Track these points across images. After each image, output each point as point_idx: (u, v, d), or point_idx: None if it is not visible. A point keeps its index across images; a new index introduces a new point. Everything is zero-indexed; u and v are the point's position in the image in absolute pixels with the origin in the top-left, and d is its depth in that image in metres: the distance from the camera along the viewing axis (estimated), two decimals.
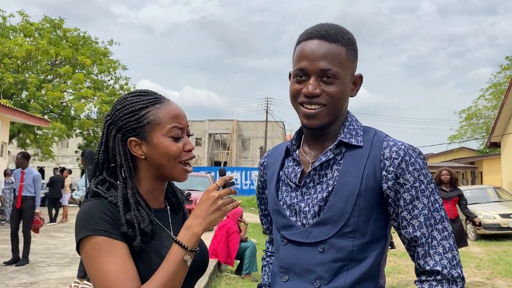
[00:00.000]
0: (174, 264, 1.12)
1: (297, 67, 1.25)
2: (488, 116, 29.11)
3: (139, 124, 1.22)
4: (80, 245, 1.15)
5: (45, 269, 6.96)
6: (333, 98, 1.23)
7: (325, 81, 1.22)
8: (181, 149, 1.24)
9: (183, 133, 1.26)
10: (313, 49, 1.22)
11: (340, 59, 1.23)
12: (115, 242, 1.13)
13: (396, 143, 1.24)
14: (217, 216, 1.17)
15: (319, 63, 1.21)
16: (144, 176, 1.26)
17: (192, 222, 1.16)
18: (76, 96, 19.68)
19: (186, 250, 1.13)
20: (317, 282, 1.20)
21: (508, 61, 26.82)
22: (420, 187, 1.19)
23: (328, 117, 1.25)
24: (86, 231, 1.12)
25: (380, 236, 1.23)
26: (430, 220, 1.18)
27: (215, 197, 1.17)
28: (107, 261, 1.10)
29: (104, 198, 1.19)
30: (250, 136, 41.07)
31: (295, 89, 1.27)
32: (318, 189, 1.25)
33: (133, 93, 1.29)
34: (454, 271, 1.14)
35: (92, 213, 1.14)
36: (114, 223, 1.15)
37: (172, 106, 1.27)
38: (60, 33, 21.01)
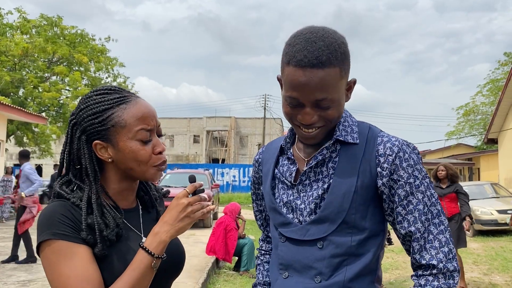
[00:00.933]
0: (139, 270, 1.09)
1: (289, 95, 1.18)
2: (485, 112, 29.17)
3: (103, 126, 1.15)
4: (39, 248, 1.10)
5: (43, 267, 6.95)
6: (331, 120, 1.21)
7: (321, 108, 1.18)
8: (150, 153, 1.18)
9: (152, 135, 1.20)
10: (306, 81, 1.14)
11: (334, 82, 1.16)
12: (75, 246, 1.08)
13: (390, 139, 1.24)
14: (185, 224, 1.14)
15: (313, 95, 1.15)
16: (112, 178, 1.22)
17: (160, 228, 1.13)
18: (73, 95, 19.64)
19: (153, 256, 1.11)
20: (318, 277, 1.21)
21: (506, 57, 26.86)
22: (414, 182, 1.20)
23: (326, 133, 1.25)
24: (45, 234, 1.08)
25: (378, 230, 1.25)
26: (426, 215, 1.18)
27: (184, 204, 1.14)
28: (67, 266, 1.06)
29: (67, 200, 1.14)
30: (248, 133, 41.06)
31: (289, 112, 1.22)
32: (314, 187, 1.25)
33: (98, 90, 1.21)
34: (450, 264, 1.15)
35: (53, 216, 1.10)
36: (75, 226, 1.10)
37: (140, 106, 1.18)
38: (57, 31, 20.94)
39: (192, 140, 41.76)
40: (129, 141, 1.16)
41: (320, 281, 1.20)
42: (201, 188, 1.19)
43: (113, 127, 1.15)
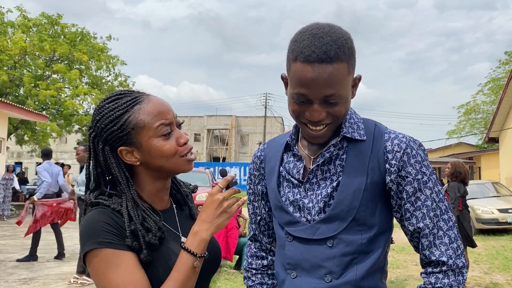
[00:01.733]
0: (184, 272, 1.10)
1: (297, 91, 1.16)
2: (486, 111, 29.12)
3: (123, 132, 1.15)
4: (86, 258, 1.11)
5: (44, 265, 6.96)
6: (339, 116, 1.20)
7: (329, 104, 1.17)
8: (175, 145, 1.18)
9: (172, 127, 1.19)
10: (314, 77, 1.12)
11: (343, 78, 1.15)
12: (121, 253, 1.09)
13: (397, 136, 1.24)
14: (223, 219, 1.15)
15: (322, 91, 1.14)
16: (145, 180, 1.22)
17: (199, 227, 1.14)
18: (73, 93, 19.63)
19: (195, 256, 1.11)
20: (328, 277, 1.19)
21: (507, 56, 26.80)
22: (422, 179, 1.19)
23: (333, 130, 1.24)
24: (90, 244, 1.08)
25: (386, 227, 1.25)
26: (435, 210, 1.18)
27: (219, 200, 1.14)
28: (114, 274, 1.07)
29: (107, 206, 1.14)
30: (249, 131, 41.04)
31: (296, 110, 1.20)
32: (322, 185, 1.24)
33: (108, 98, 1.20)
34: (459, 260, 1.16)
35: (96, 224, 1.10)
36: (119, 232, 1.11)
37: (153, 103, 1.18)
38: (58, 29, 20.93)
39: (193, 139, 41.75)
40: (152, 139, 1.16)
41: (330, 280, 1.19)
42: (234, 180, 1.19)
43: (133, 130, 1.15)
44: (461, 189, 6.14)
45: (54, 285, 5.89)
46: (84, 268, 6.01)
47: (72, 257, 7.78)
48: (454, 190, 6.01)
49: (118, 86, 23.18)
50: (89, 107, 21.29)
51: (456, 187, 6.06)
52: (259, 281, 1.43)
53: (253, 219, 1.46)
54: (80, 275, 5.99)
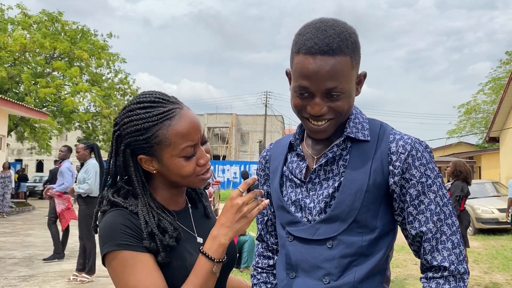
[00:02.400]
0: (202, 276, 1.10)
1: (298, 84, 1.15)
2: (487, 111, 29.09)
3: (148, 143, 1.14)
4: (105, 260, 1.12)
5: (43, 262, 6.96)
6: (341, 112, 1.17)
7: (331, 98, 1.15)
8: (194, 167, 1.17)
9: (196, 148, 1.17)
10: (316, 68, 1.11)
11: (345, 72, 1.13)
12: (139, 255, 1.09)
13: (403, 137, 1.20)
14: (242, 224, 1.13)
15: (323, 84, 1.12)
16: (160, 186, 1.22)
17: (218, 231, 1.12)
18: (72, 90, 19.62)
19: (214, 261, 1.11)
20: (326, 278, 1.17)
21: (508, 55, 26.76)
22: (426, 182, 1.16)
23: (335, 126, 1.21)
24: (109, 246, 1.09)
25: (389, 229, 1.22)
26: (439, 215, 1.15)
27: (239, 205, 1.12)
28: (132, 275, 1.08)
29: (124, 208, 1.14)
30: (249, 130, 41.02)
31: (298, 104, 1.19)
32: (324, 185, 1.22)
33: (142, 103, 1.16)
34: (460, 266, 1.13)
35: (114, 226, 1.11)
36: (137, 234, 1.11)
37: (184, 121, 1.14)
38: (58, 26, 20.91)
39: None
40: (174, 158, 1.14)
41: (328, 282, 1.17)
42: (255, 183, 1.15)
43: (158, 145, 1.14)
44: (465, 188, 6.13)
45: (53, 283, 5.89)
46: (83, 265, 6.00)
47: (72, 254, 7.78)
48: (457, 189, 5.97)
49: (118, 84, 23.20)
50: (89, 104, 21.29)
51: (460, 186, 6.03)
52: (264, 280, 1.42)
53: (260, 220, 1.45)
54: (79, 273, 5.99)
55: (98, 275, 6.16)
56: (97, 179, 5.96)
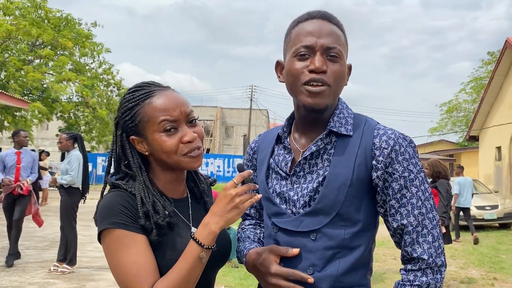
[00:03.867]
0: (190, 261, 1.13)
1: (301, 44, 1.22)
2: (468, 110, 29.56)
3: (133, 122, 1.22)
4: (100, 237, 1.17)
5: (23, 252, 6.88)
6: (337, 78, 1.22)
7: (330, 59, 1.22)
8: (176, 143, 1.20)
9: (178, 124, 1.21)
10: (318, 27, 1.23)
11: (341, 40, 1.25)
12: (134, 235, 1.14)
13: (386, 132, 1.23)
14: (234, 214, 1.15)
15: (325, 40, 1.21)
16: (156, 169, 1.27)
17: (210, 219, 1.16)
18: (57, 79, 19.29)
19: (203, 247, 1.14)
20: (310, 269, 1.21)
21: (490, 56, 27.21)
22: (409, 176, 1.20)
23: (331, 98, 1.24)
24: (105, 223, 1.14)
25: (371, 223, 1.25)
26: (421, 209, 1.19)
27: (232, 195, 1.15)
28: (126, 254, 1.12)
29: (124, 190, 1.20)
30: (234, 123, 40.96)
31: (299, 67, 1.22)
32: (308, 179, 1.25)
33: (131, 88, 1.27)
34: (438, 259, 1.17)
35: (112, 206, 1.16)
36: (133, 215, 1.16)
37: (163, 98, 1.22)
38: (42, 14, 20.50)
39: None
40: (155, 134, 1.20)
41: (312, 272, 1.21)
42: (250, 177, 1.18)
43: (140, 123, 1.21)
44: (450, 185, 6.19)
45: (33, 273, 5.85)
46: (64, 256, 5.96)
47: (52, 245, 7.72)
48: (445, 187, 5.97)
49: (102, 74, 22.88)
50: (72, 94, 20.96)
51: (446, 183, 6.03)
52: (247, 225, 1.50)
53: None
54: (60, 263, 5.95)
55: (79, 266, 6.13)
56: (80, 170, 5.91)
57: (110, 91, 23.28)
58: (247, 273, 6.16)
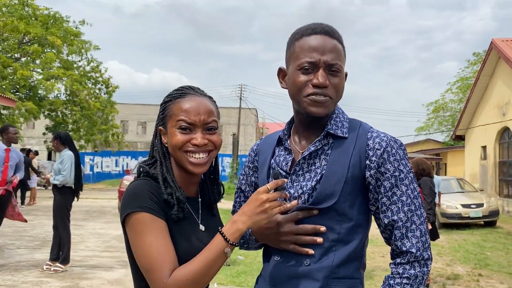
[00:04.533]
0: (214, 253, 1.19)
1: (305, 59, 1.32)
2: (454, 109, 29.94)
3: (162, 115, 1.36)
4: (126, 220, 1.23)
5: (14, 252, 6.89)
6: (338, 90, 1.34)
7: (331, 73, 1.32)
8: (184, 141, 1.30)
9: (194, 128, 1.31)
10: (321, 44, 1.32)
11: (342, 55, 1.35)
12: (158, 220, 1.21)
13: (379, 135, 1.35)
14: (262, 218, 1.21)
15: (328, 57, 1.31)
16: (174, 164, 1.36)
17: (238, 218, 1.22)
18: (45, 76, 19.12)
19: (228, 242, 1.20)
20: (307, 261, 1.30)
21: (475, 56, 27.62)
22: (399, 176, 1.30)
23: (331, 107, 1.36)
24: (132, 207, 1.21)
25: (364, 219, 1.35)
26: (410, 206, 1.28)
27: (262, 200, 1.20)
28: (149, 235, 1.19)
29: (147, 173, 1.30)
30: (223, 122, 40.87)
31: (303, 80, 1.32)
32: (307, 177, 1.35)
33: (177, 88, 1.40)
34: (425, 253, 1.27)
35: (141, 191, 1.23)
36: (159, 202, 1.24)
37: (189, 101, 1.32)
38: (29, 11, 20.29)
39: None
40: (172, 129, 1.32)
41: (309, 264, 1.30)
42: (283, 186, 1.25)
43: (166, 116, 1.35)
44: (433, 183, 6.29)
45: (26, 272, 5.85)
46: (57, 255, 5.97)
47: (43, 244, 7.71)
48: (428, 185, 6.07)
49: (90, 72, 22.72)
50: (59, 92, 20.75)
51: (429, 181, 6.13)
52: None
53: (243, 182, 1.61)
54: (53, 262, 5.96)
55: (72, 264, 6.15)
56: (72, 170, 5.92)
57: (98, 89, 23.13)
58: (239, 271, 6.24)
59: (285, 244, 1.33)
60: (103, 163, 27.78)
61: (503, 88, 15.54)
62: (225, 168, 29.15)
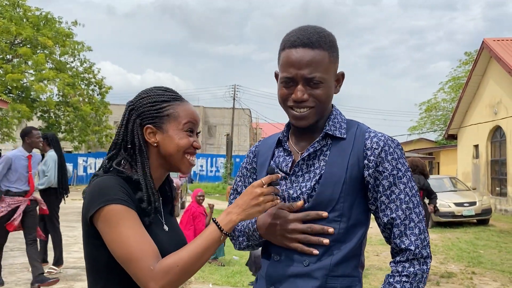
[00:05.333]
0: (207, 241, 1.21)
1: (284, 75, 1.34)
2: (446, 108, 30.11)
3: (159, 114, 1.33)
4: (96, 215, 1.19)
5: (8, 254, 6.83)
6: (320, 100, 1.34)
7: (311, 86, 1.32)
8: (191, 143, 1.34)
9: (194, 131, 1.38)
10: (298, 58, 1.31)
11: (324, 64, 1.32)
12: (132, 212, 1.21)
13: (377, 135, 1.36)
14: (255, 211, 1.25)
15: (304, 71, 1.31)
16: (153, 163, 1.35)
17: (233, 209, 1.25)
18: (37, 78, 19.01)
19: (221, 232, 1.23)
20: (306, 261, 1.31)
21: (467, 56, 27.80)
22: (397, 174, 1.31)
23: (316, 116, 1.36)
24: (102, 201, 1.18)
25: (363, 219, 1.36)
26: (408, 204, 1.30)
27: (257, 193, 1.24)
28: (126, 227, 1.17)
29: (127, 176, 1.26)
30: (217, 123, 40.90)
31: (284, 94, 1.36)
32: (306, 178, 1.36)
33: (158, 87, 1.40)
34: (424, 251, 1.28)
35: (111, 185, 1.22)
36: (129, 195, 1.23)
37: (189, 106, 1.39)
38: (20, 12, 20.16)
39: None
40: (178, 131, 1.33)
41: (308, 264, 1.31)
42: (277, 181, 1.28)
43: (167, 117, 1.33)
44: (421, 180, 6.37)
45: (20, 274, 5.82)
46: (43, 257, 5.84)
47: None
48: (416, 182, 6.10)
49: (83, 73, 22.63)
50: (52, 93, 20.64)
51: (417, 178, 6.24)
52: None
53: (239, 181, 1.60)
54: (44, 264, 5.92)
55: (66, 266, 6.12)
56: (55, 170, 5.87)
57: (91, 90, 23.04)
58: (233, 271, 6.25)
59: (290, 241, 1.33)
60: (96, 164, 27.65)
61: (495, 87, 15.66)
62: (219, 168, 29.12)
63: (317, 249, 1.31)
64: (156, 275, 1.14)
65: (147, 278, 1.14)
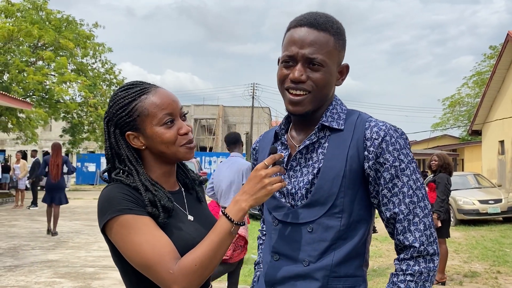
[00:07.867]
0: (220, 235, 1.18)
1: (285, 53, 1.28)
2: (470, 104, 29.48)
3: (130, 118, 1.26)
4: (106, 228, 1.18)
5: (29, 252, 6.96)
6: (318, 85, 1.26)
7: (311, 68, 1.25)
8: (175, 134, 1.27)
9: (175, 118, 1.28)
10: (301, 37, 1.25)
11: (327, 47, 1.26)
12: (141, 217, 1.17)
13: (377, 124, 1.27)
14: (262, 195, 1.20)
15: (306, 50, 1.24)
16: (151, 163, 1.31)
17: (240, 197, 1.21)
18: (59, 80, 19.36)
19: (232, 223, 1.18)
20: (306, 261, 1.24)
21: (492, 50, 27.11)
22: (400, 166, 1.22)
23: (313, 104, 1.28)
24: (110, 213, 1.16)
25: (365, 215, 1.28)
26: (412, 197, 1.21)
27: (262, 176, 1.20)
28: (137, 235, 1.14)
29: (126, 184, 1.22)
30: (236, 121, 40.97)
31: (282, 74, 1.30)
32: (304, 172, 1.29)
33: (122, 87, 1.32)
34: (430, 247, 1.19)
35: (114, 196, 1.19)
36: (136, 201, 1.19)
37: (159, 94, 1.28)
38: (43, 15, 20.56)
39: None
40: (155, 127, 1.26)
41: (308, 264, 1.24)
42: (281, 160, 1.23)
43: (139, 117, 1.26)
44: (450, 180, 6.12)
45: (39, 272, 5.90)
46: None
47: (57, 245, 7.79)
48: (444, 181, 5.86)
49: (105, 74, 22.95)
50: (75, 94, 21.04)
51: (446, 178, 5.91)
52: None
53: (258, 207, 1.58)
54: None
55: (85, 265, 6.18)
56: None
57: (112, 90, 23.34)
58: (251, 270, 6.20)
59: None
60: None
61: None
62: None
63: (318, 248, 1.24)
64: (177, 278, 1.13)
65: (169, 282, 1.13)
